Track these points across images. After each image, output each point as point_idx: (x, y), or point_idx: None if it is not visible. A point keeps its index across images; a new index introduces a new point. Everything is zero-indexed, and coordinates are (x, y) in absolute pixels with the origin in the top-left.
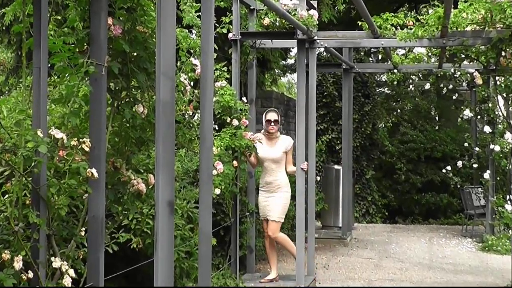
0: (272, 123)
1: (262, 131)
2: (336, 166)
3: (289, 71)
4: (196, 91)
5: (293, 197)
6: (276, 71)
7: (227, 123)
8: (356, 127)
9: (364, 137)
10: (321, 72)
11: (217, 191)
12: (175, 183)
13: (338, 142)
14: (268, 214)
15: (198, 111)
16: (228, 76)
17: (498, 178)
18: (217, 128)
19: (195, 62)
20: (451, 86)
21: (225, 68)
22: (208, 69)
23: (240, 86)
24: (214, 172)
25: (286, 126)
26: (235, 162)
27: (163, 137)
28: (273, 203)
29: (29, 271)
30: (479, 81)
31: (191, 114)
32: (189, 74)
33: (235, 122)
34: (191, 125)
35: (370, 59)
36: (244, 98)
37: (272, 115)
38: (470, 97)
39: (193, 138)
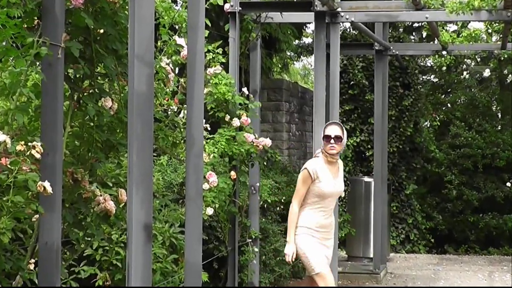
0: (333, 141)
1: (318, 150)
2: (366, 178)
3: (304, 54)
4: (182, 80)
5: None
6: (288, 53)
7: (223, 122)
8: (393, 127)
9: (403, 140)
10: (346, 55)
11: (210, 211)
12: (154, 200)
13: (369, 146)
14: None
15: (185, 106)
16: (224, 61)
17: None
18: (209, 129)
19: (180, 42)
20: None
21: (220, 50)
22: (197, 51)
23: (240, 73)
24: (206, 186)
25: (301, 125)
26: (233, 173)
27: (138, 140)
28: (333, 249)
29: None
30: None
31: (175, 110)
32: (173, 58)
33: (234, 121)
34: (175, 124)
35: (412, 37)
36: (245, 89)
37: (334, 130)
38: None
39: (177, 141)
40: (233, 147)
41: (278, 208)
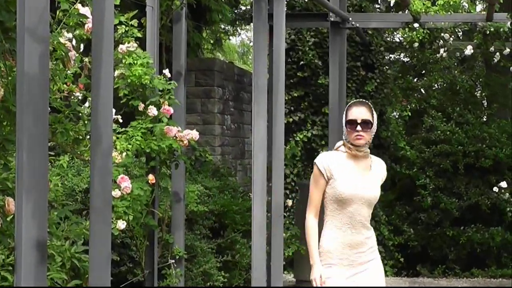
0: (359, 127)
1: (340, 143)
2: None
3: (241, 25)
4: (86, 60)
5: (247, 234)
6: (222, 26)
7: (139, 113)
8: None
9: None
10: (294, 28)
11: (122, 224)
12: (50, 211)
13: (323, 142)
14: None
15: (90, 92)
16: (140, 35)
17: None
18: (121, 121)
19: (84, 12)
20: (507, 51)
21: (135, 22)
22: (105, 22)
23: (160, 51)
24: (116, 193)
25: (238, 117)
26: (151, 177)
27: (30, 135)
28: (371, 282)
29: None
30: None
31: (79, 97)
32: (76, 32)
33: (152, 111)
34: (78, 115)
35: (376, 6)
36: (166, 71)
37: (360, 112)
38: None
39: (81, 137)
40: (152, 142)
41: (208, 221)
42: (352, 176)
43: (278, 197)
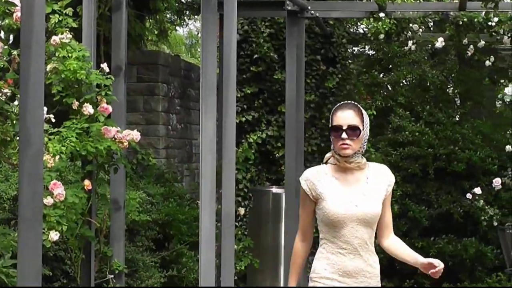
0: (345, 134)
1: (329, 154)
2: (274, 189)
3: (189, 16)
4: (15, 53)
5: (194, 246)
6: (167, 15)
7: (74, 111)
8: (312, 118)
9: (326, 135)
10: (247, 18)
11: (54, 235)
12: None
13: (279, 144)
14: None
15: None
16: (75, 25)
17: None
18: (54, 121)
19: None
20: (482, 43)
21: (69, 11)
22: (35, 11)
23: (98, 43)
24: (48, 200)
25: (185, 116)
26: (87, 183)
27: None
28: None
29: None
30: None
31: (7, 94)
32: (3, 22)
33: (88, 109)
34: (6, 114)
35: None
36: (105, 65)
37: (346, 116)
38: None
39: (9, 138)
40: (88, 144)
41: (151, 231)
42: (342, 193)
43: (229, 205)
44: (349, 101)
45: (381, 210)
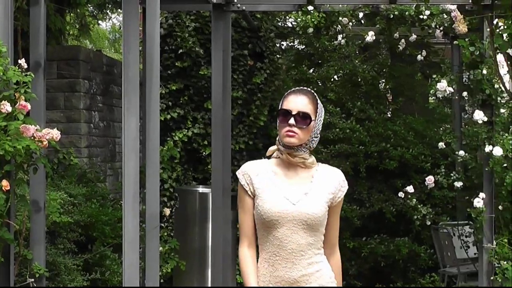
0: (292, 120)
1: (274, 147)
2: (201, 189)
3: (112, 9)
4: None
5: (118, 248)
6: (89, 9)
7: None
8: (240, 115)
9: (254, 133)
10: (172, 12)
11: None
12: None
13: (206, 142)
14: None
15: None
16: None
17: (500, 207)
18: None
19: None
20: (414, 37)
21: None
22: None
23: (15, 38)
24: None
25: (107, 113)
26: (5, 183)
27: None
28: None
29: None
30: (462, 27)
31: None
32: None
33: (6, 107)
34: None
35: None
36: (23, 61)
37: (298, 101)
38: (450, 57)
39: None
40: (6, 143)
41: (73, 233)
42: (279, 190)
43: (153, 206)
44: (305, 87)
45: (326, 217)
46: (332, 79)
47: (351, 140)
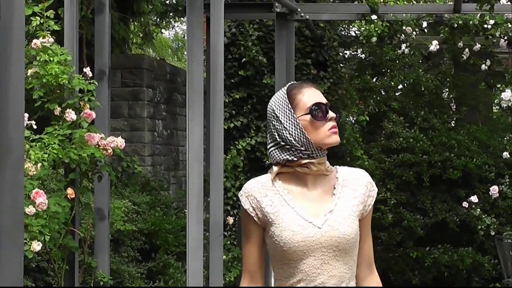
0: (332, 112)
1: (281, 157)
2: None
3: (174, 18)
4: None
5: (181, 257)
6: (152, 18)
7: (56, 117)
8: None
9: None
10: (235, 20)
11: (37, 246)
12: None
13: None
14: None
15: None
16: (57, 28)
17: None
18: (35, 127)
19: None
20: (478, 47)
21: (51, 13)
22: (15, 13)
23: (81, 47)
24: (30, 210)
25: (171, 122)
26: (70, 191)
27: None
28: None
29: None
30: None
31: None
32: None
33: (71, 115)
34: None
35: None
36: (87, 70)
37: (318, 92)
38: None
39: None
40: (71, 151)
41: (137, 242)
42: (299, 211)
43: (217, 214)
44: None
45: (359, 235)
46: (395, 89)
47: (414, 149)
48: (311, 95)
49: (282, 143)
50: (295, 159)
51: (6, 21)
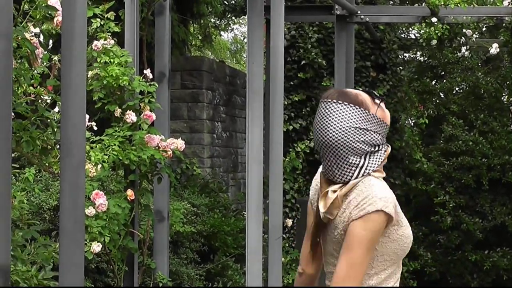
0: None
1: (373, 164)
2: None
3: (233, 20)
4: (55, 58)
5: (240, 259)
6: (211, 20)
7: (116, 119)
8: None
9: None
10: (295, 23)
11: (97, 247)
12: (14, 232)
13: None
14: None
15: (60, 96)
16: (118, 30)
17: None
18: (95, 129)
19: (53, 3)
20: None
21: (111, 15)
22: (77, 15)
23: (141, 48)
24: (91, 211)
25: (230, 124)
26: (130, 192)
27: None
28: None
29: None
30: None
31: (47, 101)
32: (43, 26)
33: (131, 117)
34: (46, 122)
35: None
36: (148, 72)
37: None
38: None
39: (50, 146)
40: (131, 153)
41: (196, 243)
42: None
43: (276, 216)
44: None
45: None
46: (454, 91)
47: (474, 152)
48: (386, 111)
49: (374, 149)
50: (384, 155)
51: (68, 22)
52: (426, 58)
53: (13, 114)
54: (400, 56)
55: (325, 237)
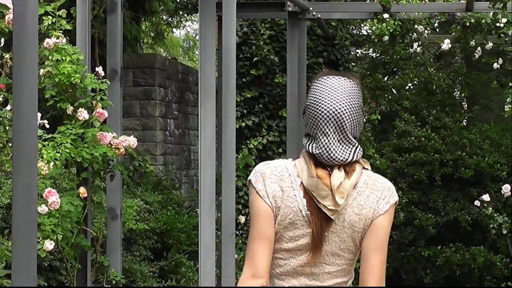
0: None
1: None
2: None
3: (185, 17)
4: (7, 56)
5: (194, 256)
6: (164, 17)
7: (68, 116)
8: None
9: None
10: (247, 20)
11: (49, 245)
12: None
13: (280, 150)
14: None
15: (12, 94)
16: (69, 28)
17: None
18: (48, 127)
19: (3, 1)
20: (490, 45)
21: (63, 12)
22: (28, 13)
23: (93, 46)
24: (43, 209)
25: (182, 121)
26: (83, 190)
27: None
28: None
29: None
30: None
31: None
32: None
33: (83, 114)
34: None
35: None
36: (100, 69)
37: None
38: None
39: (1, 144)
40: (83, 151)
41: (149, 241)
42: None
43: (229, 213)
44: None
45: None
46: (407, 87)
47: (426, 148)
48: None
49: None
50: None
51: (19, 20)
52: (378, 55)
53: None
54: (352, 53)
55: (328, 236)
